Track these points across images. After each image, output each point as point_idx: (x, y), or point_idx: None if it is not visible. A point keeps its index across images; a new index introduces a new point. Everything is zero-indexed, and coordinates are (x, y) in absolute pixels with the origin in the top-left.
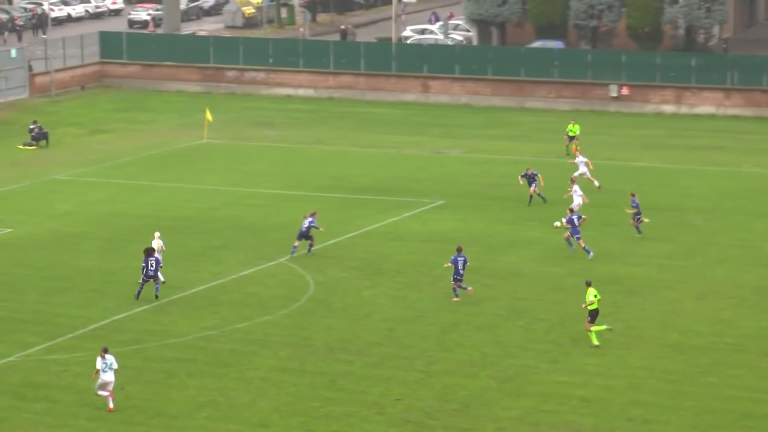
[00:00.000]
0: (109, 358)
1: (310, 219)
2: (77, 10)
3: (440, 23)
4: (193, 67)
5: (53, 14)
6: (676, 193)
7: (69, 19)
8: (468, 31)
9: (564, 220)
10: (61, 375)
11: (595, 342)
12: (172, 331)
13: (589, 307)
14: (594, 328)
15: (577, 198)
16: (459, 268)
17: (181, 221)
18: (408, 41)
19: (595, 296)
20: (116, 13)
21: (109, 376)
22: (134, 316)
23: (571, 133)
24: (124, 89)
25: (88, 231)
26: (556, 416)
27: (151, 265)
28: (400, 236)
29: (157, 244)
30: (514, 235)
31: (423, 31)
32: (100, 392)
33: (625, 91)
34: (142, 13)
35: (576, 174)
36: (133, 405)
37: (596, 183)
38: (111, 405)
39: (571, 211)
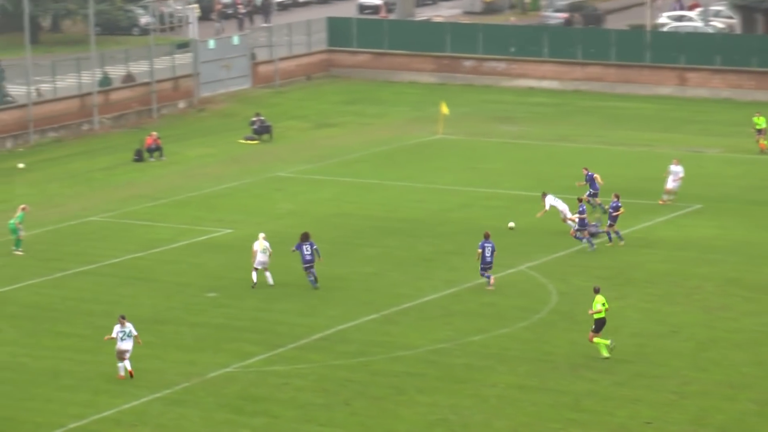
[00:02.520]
0: (129, 325)
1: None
2: None
3: (700, 9)
4: (427, 57)
5: None
6: None
7: (295, 3)
8: (730, 18)
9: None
10: (281, 388)
11: (605, 354)
12: (401, 342)
13: (596, 316)
14: (597, 340)
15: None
16: (486, 255)
17: (411, 223)
18: (664, 29)
19: (603, 305)
20: None
21: (126, 344)
22: (360, 326)
23: (758, 126)
24: (353, 79)
25: (313, 232)
26: None
27: (306, 250)
28: (651, 243)
29: (261, 245)
30: None
31: (680, 18)
32: (120, 363)
33: None
34: None
35: (671, 186)
36: (359, 422)
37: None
38: (129, 367)
39: (580, 201)
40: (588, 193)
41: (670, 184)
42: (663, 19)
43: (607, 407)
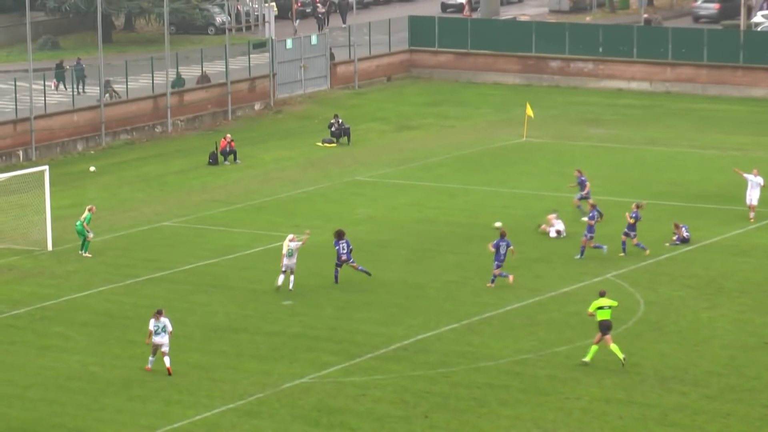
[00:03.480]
0: (164, 320)
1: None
2: None
3: None
4: (512, 57)
5: None
6: None
7: (376, 2)
8: None
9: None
10: (358, 399)
11: (620, 356)
12: (483, 353)
13: (599, 318)
14: (613, 347)
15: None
16: (501, 253)
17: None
18: (758, 28)
19: (600, 308)
20: None
21: (161, 339)
22: (441, 336)
23: None
24: (435, 80)
25: (393, 239)
26: None
27: (343, 249)
28: (744, 251)
29: (286, 246)
30: None
31: None
32: (151, 357)
33: None
34: None
35: (755, 202)
36: None
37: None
38: (168, 363)
39: (593, 206)
40: (578, 196)
41: (755, 200)
42: (758, 18)
43: (697, 421)
